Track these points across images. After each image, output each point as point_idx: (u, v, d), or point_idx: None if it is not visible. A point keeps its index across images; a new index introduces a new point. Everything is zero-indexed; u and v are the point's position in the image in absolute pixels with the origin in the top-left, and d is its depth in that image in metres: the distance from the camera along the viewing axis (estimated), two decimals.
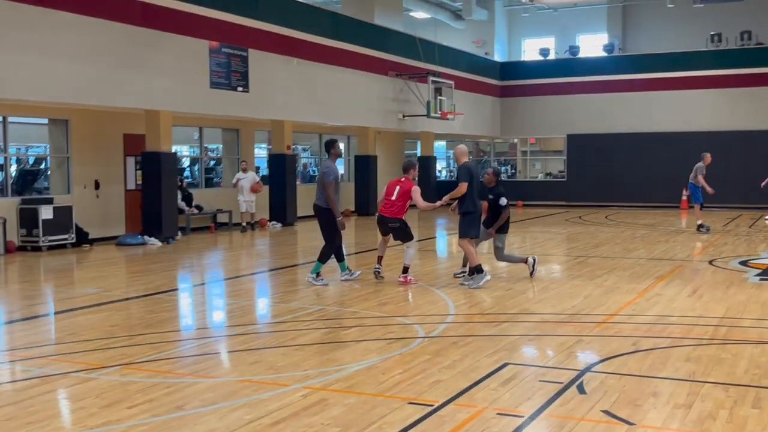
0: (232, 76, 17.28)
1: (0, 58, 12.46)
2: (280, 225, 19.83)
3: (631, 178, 27.54)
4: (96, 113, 16.49)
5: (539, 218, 22.99)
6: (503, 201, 10.52)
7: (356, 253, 14.05)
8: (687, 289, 9.56)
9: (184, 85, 16.15)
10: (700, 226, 17.09)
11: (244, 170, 18.76)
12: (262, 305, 9.11)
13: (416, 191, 10.15)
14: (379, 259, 10.63)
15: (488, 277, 9.89)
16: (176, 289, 10.42)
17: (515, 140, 31.34)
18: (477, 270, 9.87)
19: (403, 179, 10.36)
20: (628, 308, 8.52)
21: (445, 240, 16.78)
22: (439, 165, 30.56)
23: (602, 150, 28.21)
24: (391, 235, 10.37)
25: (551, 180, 29.74)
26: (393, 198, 10.17)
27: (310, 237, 17.10)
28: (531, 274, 10.75)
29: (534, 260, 10.82)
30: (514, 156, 31.65)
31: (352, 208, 24.08)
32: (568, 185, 28.89)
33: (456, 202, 9.94)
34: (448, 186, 13.43)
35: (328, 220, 9.77)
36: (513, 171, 31.29)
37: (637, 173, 27.47)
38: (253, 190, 18.56)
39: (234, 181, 18.85)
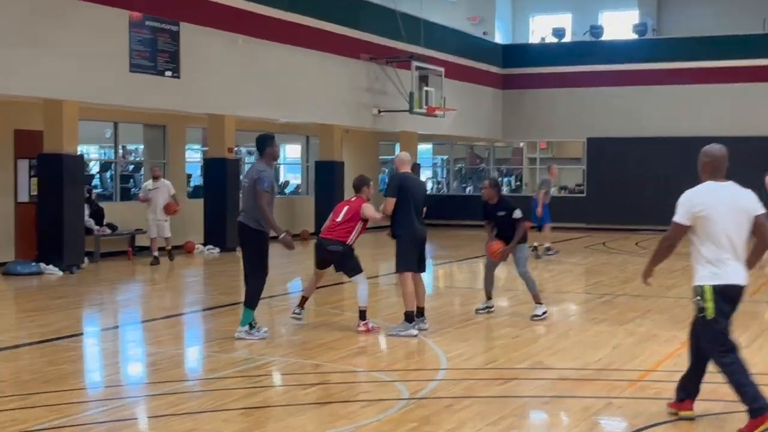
0: (158, 57, 17.21)
1: None
2: (217, 250, 19.74)
3: (668, 195, 27.81)
4: None
5: (553, 244, 23.14)
6: (518, 213, 10.72)
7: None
8: (744, 337, 9.62)
9: (96, 68, 16.04)
10: None
11: (156, 178, 17.49)
12: (195, 356, 9.02)
13: (367, 207, 10.14)
14: (303, 300, 10.40)
15: (414, 333, 9.71)
16: (81, 334, 10.29)
17: (521, 144, 31.57)
18: (407, 316, 9.80)
19: (353, 199, 10.34)
20: (669, 362, 8.55)
21: (429, 265, 16.78)
22: (424, 175, 30.69)
23: (631, 158, 28.54)
24: (329, 267, 10.25)
25: (567, 196, 29.97)
26: (338, 220, 10.12)
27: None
28: (534, 317, 10.90)
29: (545, 313, 10.92)
30: (519, 164, 31.89)
31: (309, 230, 24.05)
32: (589, 202, 29.14)
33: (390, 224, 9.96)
34: (435, 201, 13.42)
35: (257, 245, 9.27)
36: (518, 183, 31.51)
37: (676, 188, 27.71)
38: (168, 210, 17.33)
39: (141, 193, 17.85)
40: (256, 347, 9.15)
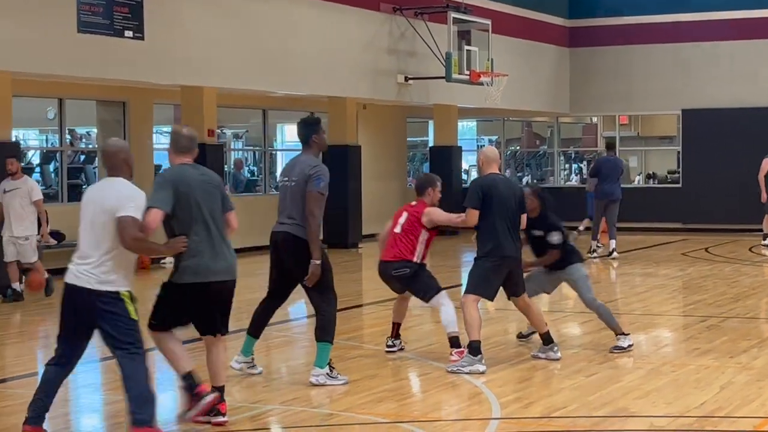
0: (114, 12, 17.28)
1: None
2: None
3: None
4: None
5: (638, 251, 23.03)
6: (556, 238, 10.83)
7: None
8: None
9: (34, 29, 16.13)
10: None
11: (12, 174, 15.79)
12: (169, 403, 9.03)
13: (432, 211, 10.58)
14: (395, 327, 11.03)
15: (482, 369, 9.89)
16: (22, 376, 10.34)
17: (593, 119, 31.46)
18: (471, 348, 9.97)
19: (414, 203, 10.71)
20: None
21: None
22: (466, 162, 30.67)
23: (744, 136, 28.31)
24: (407, 290, 10.73)
25: (656, 186, 29.87)
26: (397, 231, 10.51)
27: (249, 286, 16.99)
28: (615, 349, 11.00)
29: (631, 346, 11.04)
30: (592, 145, 31.78)
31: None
32: (685, 195, 29.00)
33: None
34: None
35: (307, 258, 9.36)
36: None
37: None
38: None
39: None
40: (252, 391, 9.15)
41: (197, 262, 7.79)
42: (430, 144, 28.90)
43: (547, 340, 10.56)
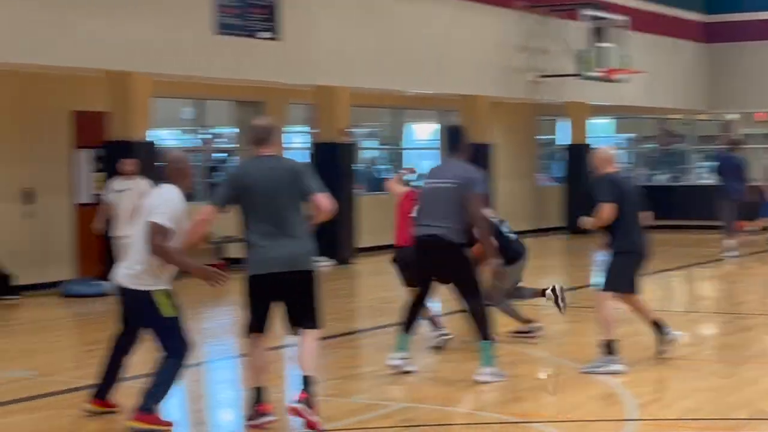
0: (251, 14, 17.53)
1: None
2: (331, 262, 19.94)
3: None
4: (26, 78, 16.96)
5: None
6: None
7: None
8: None
9: (172, 31, 16.46)
10: None
11: (127, 174, 15.81)
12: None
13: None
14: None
15: (619, 368, 9.82)
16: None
17: (733, 117, 30.84)
18: (608, 348, 9.90)
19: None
20: None
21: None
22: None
23: None
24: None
25: None
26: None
27: (381, 284, 17.12)
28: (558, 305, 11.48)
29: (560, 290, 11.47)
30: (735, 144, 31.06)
31: None
32: None
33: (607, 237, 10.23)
34: None
35: (467, 263, 9.65)
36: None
37: None
38: None
39: (109, 198, 15.93)
40: (381, 390, 9.21)
41: (257, 254, 7.86)
42: (558, 142, 28.68)
43: (659, 328, 10.43)
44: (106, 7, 15.53)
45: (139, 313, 7.81)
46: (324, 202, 7.84)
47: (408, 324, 9.96)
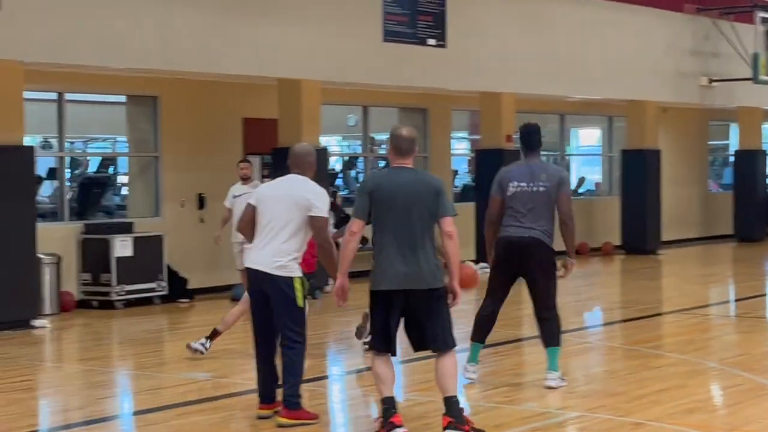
0: (418, 21, 17.68)
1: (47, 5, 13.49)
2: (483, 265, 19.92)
3: None
4: (200, 86, 17.44)
5: None
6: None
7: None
8: None
9: (341, 39, 16.71)
10: None
11: (245, 179, 15.72)
12: (474, 407, 9.17)
13: None
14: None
15: None
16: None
17: None
18: None
19: None
20: None
21: None
22: None
23: None
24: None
25: None
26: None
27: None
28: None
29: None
30: None
31: (614, 241, 23.78)
32: None
33: None
34: None
35: (554, 266, 9.56)
36: None
37: None
38: None
39: (228, 203, 15.61)
40: (550, 398, 9.20)
41: (381, 270, 7.72)
42: (735, 148, 28.09)
43: None
44: (277, 16, 15.85)
45: (279, 299, 8.06)
46: (451, 227, 7.69)
47: (484, 333, 9.83)
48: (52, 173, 18.13)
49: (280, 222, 8.08)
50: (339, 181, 22.70)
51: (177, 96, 17.35)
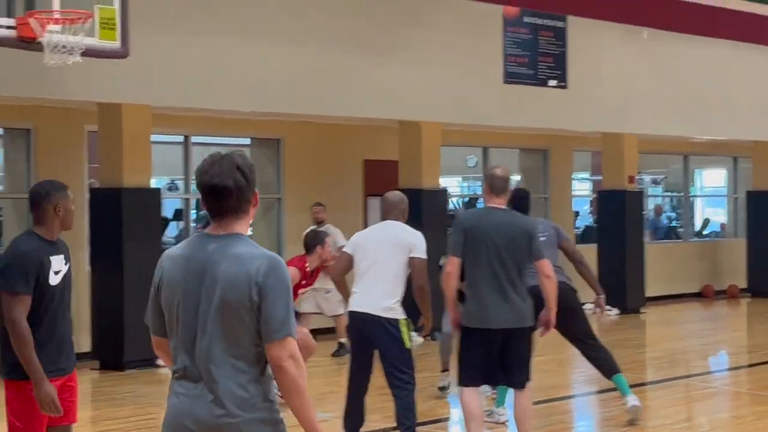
0: (539, 62, 17.71)
1: (155, 45, 13.83)
2: (616, 311, 19.79)
3: None
4: (322, 128, 17.69)
5: None
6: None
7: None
8: None
9: (461, 81, 16.79)
10: None
11: (319, 222, 15.38)
12: None
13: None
14: None
15: None
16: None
17: None
18: None
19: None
20: None
21: None
22: None
23: None
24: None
25: None
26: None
27: (671, 334, 16.86)
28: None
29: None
30: None
31: (740, 284, 23.35)
32: None
33: None
34: None
35: (580, 305, 9.94)
36: None
37: None
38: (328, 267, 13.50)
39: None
40: None
41: (475, 308, 7.98)
42: None
43: None
44: (398, 59, 16.00)
45: (388, 342, 8.16)
46: (548, 269, 8.07)
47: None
48: (178, 214, 18.54)
49: (385, 265, 8.20)
50: None
51: (300, 138, 17.64)
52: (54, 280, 6.05)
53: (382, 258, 8.21)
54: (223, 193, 4.23)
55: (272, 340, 4.17)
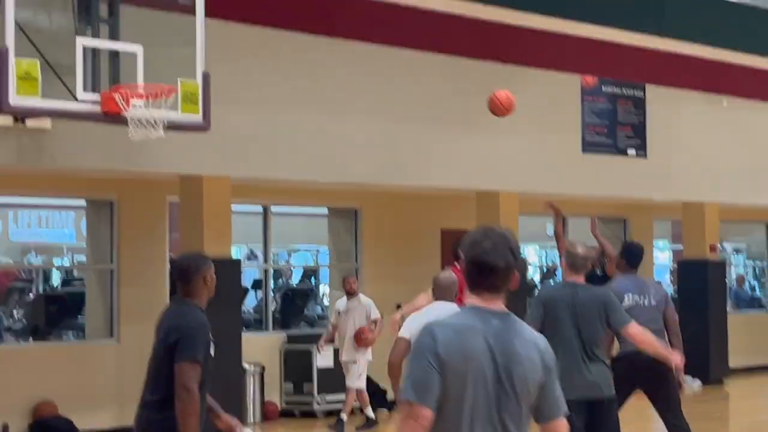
0: (618, 131, 17.66)
1: (232, 116, 14.00)
2: (698, 383, 19.48)
3: None
4: (399, 198, 17.72)
5: None
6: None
7: None
8: None
9: (539, 150, 16.78)
10: None
11: (351, 293, 15.11)
12: None
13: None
14: None
15: None
16: None
17: None
18: None
19: None
20: None
21: None
22: None
23: None
24: None
25: None
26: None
27: (750, 406, 16.56)
28: None
29: None
30: None
31: None
32: None
33: None
34: None
35: (671, 377, 9.73)
36: None
37: None
38: (361, 339, 14.55)
39: (332, 318, 15.42)
40: None
41: (566, 379, 7.94)
42: None
43: None
44: (476, 130, 16.02)
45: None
46: (638, 333, 8.27)
47: None
48: (257, 284, 18.66)
49: None
50: (535, 291, 22.62)
51: (377, 208, 17.69)
52: (212, 350, 6.32)
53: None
54: (493, 271, 4.26)
55: (556, 417, 4.29)
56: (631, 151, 17.87)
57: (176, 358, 6.10)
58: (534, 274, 23.54)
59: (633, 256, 9.93)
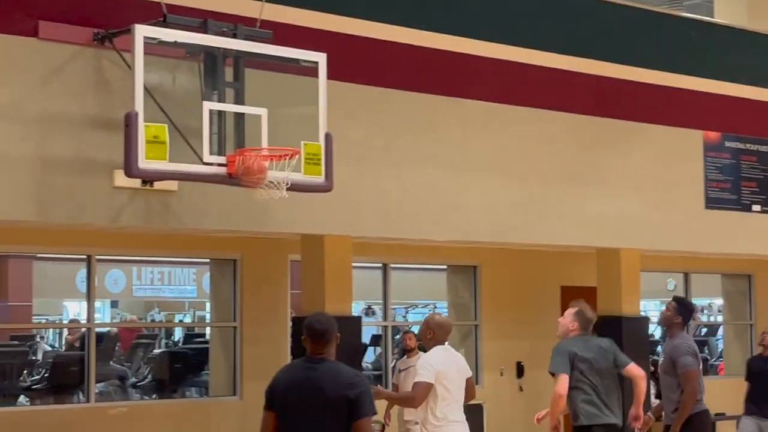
0: (741, 186, 17.41)
1: (356, 172, 14.11)
2: None
3: None
4: (518, 255, 17.68)
5: None
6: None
7: None
8: None
9: (661, 207, 16.59)
10: None
11: (410, 351, 14.84)
12: None
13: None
14: None
15: None
16: None
17: None
18: None
19: None
20: None
21: None
22: None
23: None
24: None
25: None
26: None
27: None
28: None
29: None
30: None
31: None
32: None
33: None
34: None
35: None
36: None
37: None
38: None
39: (393, 378, 15.27)
40: None
41: (585, 410, 9.51)
42: None
43: None
44: (597, 188, 15.94)
45: None
46: (638, 370, 9.71)
47: None
48: (375, 339, 18.71)
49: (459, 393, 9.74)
50: (658, 347, 22.27)
51: (496, 265, 17.71)
52: None
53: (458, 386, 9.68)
54: None
55: None
56: (756, 207, 17.60)
57: (360, 413, 6.74)
58: (655, 329, 23.19)
59: (687, 311, 11.75)
